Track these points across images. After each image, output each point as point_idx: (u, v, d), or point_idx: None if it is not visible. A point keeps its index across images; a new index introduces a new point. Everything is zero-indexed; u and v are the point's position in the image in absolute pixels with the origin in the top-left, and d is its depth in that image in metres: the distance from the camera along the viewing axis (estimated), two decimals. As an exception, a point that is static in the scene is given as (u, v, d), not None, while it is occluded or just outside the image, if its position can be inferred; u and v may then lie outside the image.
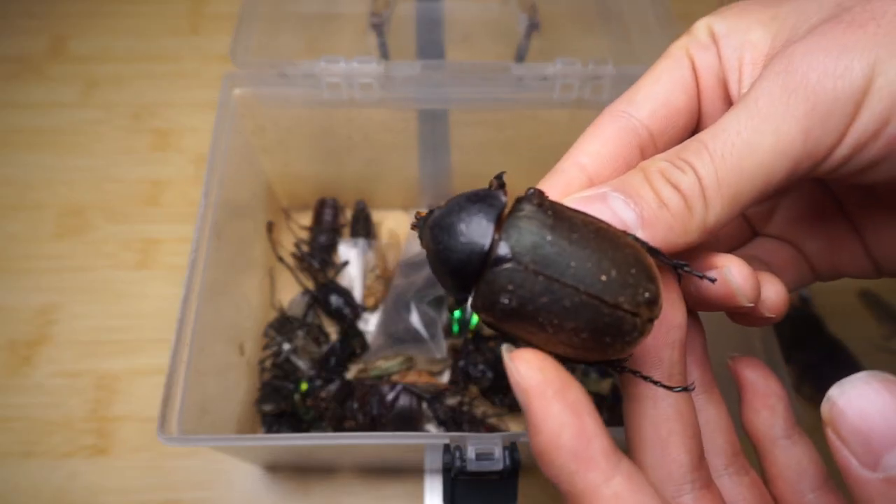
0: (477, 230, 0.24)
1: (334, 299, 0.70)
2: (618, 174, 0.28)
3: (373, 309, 0.71)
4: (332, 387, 0.63)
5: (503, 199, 0.26)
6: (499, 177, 0.26)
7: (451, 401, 0.64)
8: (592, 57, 0.58)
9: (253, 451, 0.58)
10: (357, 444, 0.47)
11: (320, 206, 0.76)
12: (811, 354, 0.68)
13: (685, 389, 0.27)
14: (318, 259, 0.73)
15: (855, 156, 0.25)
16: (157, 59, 0.89)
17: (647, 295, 0.24)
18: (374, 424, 0.61)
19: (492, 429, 0.64)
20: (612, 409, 0.63)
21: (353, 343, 0.68)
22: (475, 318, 0.69)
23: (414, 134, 0.69)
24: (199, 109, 0.84)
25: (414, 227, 0.27)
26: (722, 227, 0.26)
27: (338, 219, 0.76)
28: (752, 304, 0.27)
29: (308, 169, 0.74)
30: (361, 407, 0.62)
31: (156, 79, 0.88)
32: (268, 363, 0.66)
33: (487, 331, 0.68)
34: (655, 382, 0.27)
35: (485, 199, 0.25)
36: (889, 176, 0.26)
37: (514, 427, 0.64)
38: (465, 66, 0.59)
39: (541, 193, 0.25)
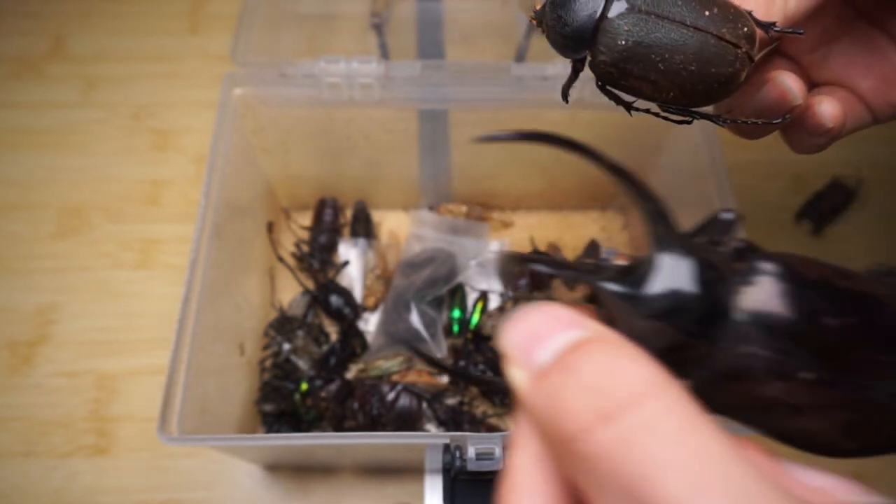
0: None
1: (334, 299, 0.70)
2: None
3: (373, 309, 0.71)
4: (332, 387, 0.63)
5: None
6: None
7: (451, 401, 0.64)
8: (592, 57, 0.58)
9: (253, 451, 0.58)
10: (357, 443, 0.47)
11: (320, 206, 0.76)
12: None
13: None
14: (318, 259, 0.73)
15: None
16: (156, 59, 0.89)
17: (745, 30, 0.27)
18: (374, 424, 0.61)
19: (492, 429, 0.64)
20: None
21: (353, 343, 0.68)
22: (475, 319, 0.69)
23: (414, 134, 0.69)
24: (199, 109, 0.84)
25: (533, 18, 0.31)
26: (802, 17, 0.30)
27: (338, 219, 0.76)
28: (801, 103, 0.32)
29: (308, 169, 0.74)
30: (361, 407, 0.62)
31: (155, 79, 0.87)
32: (268, 363, 0.66)
33: (488, 330, 0.68)
34: (757, 123, 0.32)
35: None
36: None
37: (514, 427, 0.64)
38: (465, 66, 0.59)
39: None
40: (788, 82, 0.32)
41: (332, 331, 0.70)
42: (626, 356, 0.18)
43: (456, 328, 0.68)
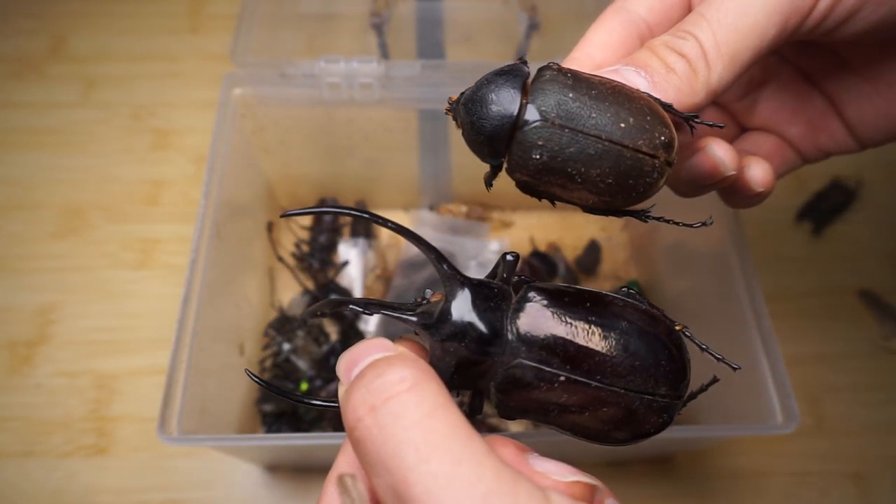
0: (506, 98, 0.27)
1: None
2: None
3: (373, 309, 0.71)
4: (332, 387, 0.63)
5: (526, 69, 0.28)
6: (521, 58, 0.29)
7: (451, 401, 0.64)
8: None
9: (253, 451, 0.58)
10: (357, 444, 0.47)
11: (320, 207, 0.76)
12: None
13: None
14: (318, 259, 0.73)
15: (835, 7, 0.29)
16: (156, 59, 0.89)
17: (662, 138, 0.26)
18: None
19: (492, 429, 0.64)
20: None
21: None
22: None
23: (414, 134, 0.69)
24: (199, 109, 0.84)
25: (448, 111, 0.30)
26: (725, 88, 0.29)
27: (338, 219, 0.76)
28: (733, 173, 0.31)
29: (308, 169, 0.74)
30: (361, 407, 0.61)
31: (155, 78, 0.87)
32: (268, 363, 0.66)
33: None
34: (677, 224, 0.31)
35: (510, 71, 0.28)
36: (867, 25, 0.30)
37: (514, 427, 0.64)
38: (465, 66, 0.59)
39: (558, 64, 0.28)
40: (720, 153, 0.31)
41: (332, 331, 0.70)
42: (398, 363, 0.23)
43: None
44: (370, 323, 0.71)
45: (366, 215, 0.27)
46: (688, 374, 0.27)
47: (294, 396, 0.29)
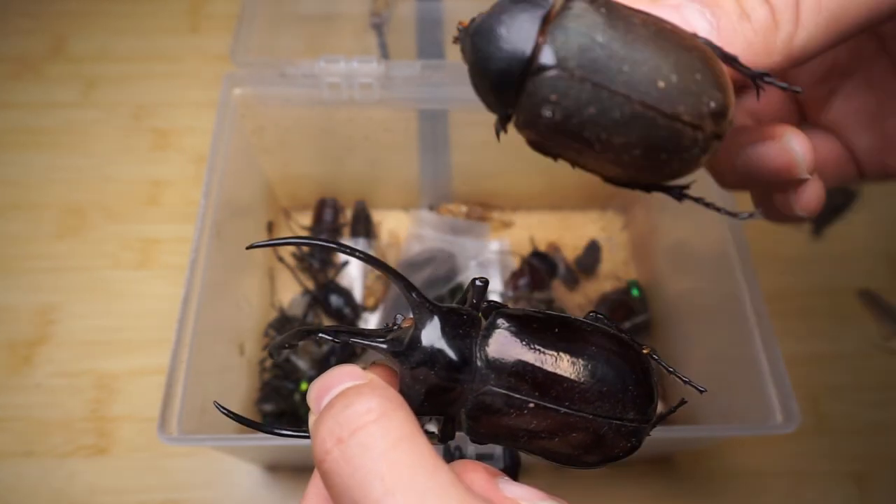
0: (518, 34, 0.22)
1: (334, 299, 0.70)
2: None
3: (373, 309, 0.71)
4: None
5: None
6: None
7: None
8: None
9: (253, 451, 0.58)
10: (357, 444, 0.46)
11: (320, 206, 0.76)
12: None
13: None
14: (318, 259, 0.73)
15: None
16: (156, 59, 0.89)
17: (712, 104, 0.21)
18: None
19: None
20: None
21: (352, 343, 0.68)
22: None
23: (414, 134, 0.69)
24: (199, 109, 0.84)
25: (456, 39, 0.25)
26: (810, 56, 0.23)
27: (338, 219, 0.76)
28: (809, 177, 0.26)
29: (308, 169, 0.74)
30: (361, 407, 0.61)
31: (155, 79, 0.87)
32: (268, 363, 0.66)
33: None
34: (718, 209, 0.25)
35: None
36: None
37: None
38: (464, 67, 0.59)
39: None
40: (799, 149, 0.25)
41: (332, 331, 0.70)
42: (367, 392, 0.23)
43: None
44: (370, 323, 0.71)
45: (332, 245, 0.27)
46: (655, 397, 0.27)
47: (265, 428, 0.29)
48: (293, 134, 0.67)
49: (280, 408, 0.63)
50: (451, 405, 0.26)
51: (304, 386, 0.63)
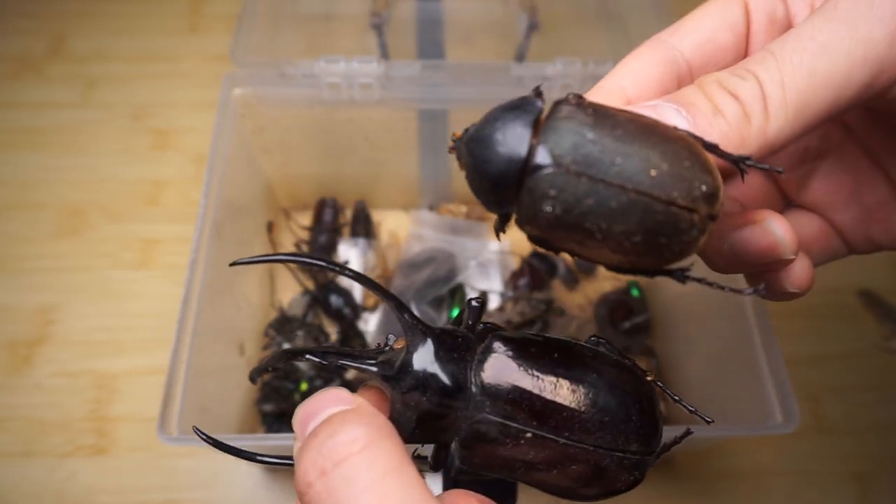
0: (513, 137, 0.23)
1: (334, 299, 0.70)
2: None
3: (373, 309, 0.71)
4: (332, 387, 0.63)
5: (540, 104, 0.24)
6: (536, 88, 0.25)
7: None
8: (592, 56, 0.58)
9: (253, 451, 0.57)
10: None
11: (320, 206, 0.76)
12: None
13: None
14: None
15: None
16: (156, 59, 0.89)
17: (703, 188, 0.22)
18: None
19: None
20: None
21: (352, 343, 0.68)
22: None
23: (414, 134, 0.69)
24: (199, 109, 0.84)
25: (451, 149, 0.26)
26: (783, 144, 0.24)
27: (338, 219, 0.76)
28: (793, 258, 0.26)
29: (308, 169, 0.74)
30: (361, 407, 0.61)
31: (155, 78, 0.87)
32: (268, 363, 0.66)
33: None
34: (722, 288, 0.26)
35: (520, 105, 0.24)
36: None
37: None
38: (465, 66, 0.59)
39: (579, 95, 0.23)
40: (780, 231, 0.26)
41: (332, 331, 0.70)
42: (352, 420, 0.22)
43: (456, 328, 0.68)
44: (370, 322, 0.71)
45: (320, 264, 0.26)
46: (660, 428, 0.26)
47: (247, 455, 0.28)
48: (293, 134, 0.67)
49: (280, 408, 0.63)
50: (444, 433, 0.25)
51: (303, 386, 0.63)
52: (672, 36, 0.28)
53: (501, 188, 0.23)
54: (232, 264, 0.27)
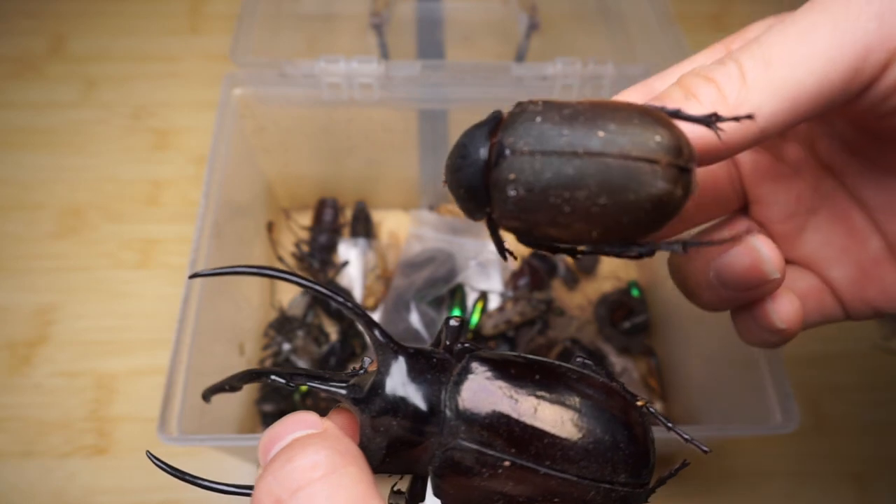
0: (475, 143, 0.24)
1: (334, 299, 0.70)
2: None
3: (373, 309, 0.71)
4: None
5: (498, 114, 0.25)
6: (496, 111, 0.26)
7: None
8: (592, 57, 0.58)
9: (253, 451, 0.57)
10: (357, 444, 0.47)
11: (320, 206, 0.76)
12: None
13: None
14: (318, 259, 0.73)
15: None
16: (156, 59, 0.89)
17: (658, 138, 0.22)
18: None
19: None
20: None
21: (353, 343, 0.68)
22: (475, 318, 0.69)
23: (414, 134, 0.69)
24: (199, 109, 0.84)
25: (445, 182, 0.27)
26: (771, 125, 0.23)
27: (338, 219, 0.76)
28: (778, 276, 0.26)
29: (308, 169, 0.74)
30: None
31: (155, 78, 0.87)
32: (268, 363, 0.66)
33: (487, 330, 0.68)
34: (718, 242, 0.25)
35: (482, 121, 0.25)
36: None
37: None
38: (465, 66, 0.59)
39: (532, 99, 0.25)
40: (764, 249, 0.26)
41: (332, 331, 0.70)
42: (314, 445, 0.20)
43: (456, 328, 0.68)
44: (370, 323, 0.71)
45: (287, 278, 0.25)
46: (651, 457, 0.24)
47: (203, 483, 0.26)
48: (293, 134, 0.67)
49: (280, 408, 0.63)
50: (417, 462, 0.24)
51: (304, 387, 0.63)
52: (654, 79, 0.28)
53: (474, 190, 0.24)
54: (192, 276, 0.26)
